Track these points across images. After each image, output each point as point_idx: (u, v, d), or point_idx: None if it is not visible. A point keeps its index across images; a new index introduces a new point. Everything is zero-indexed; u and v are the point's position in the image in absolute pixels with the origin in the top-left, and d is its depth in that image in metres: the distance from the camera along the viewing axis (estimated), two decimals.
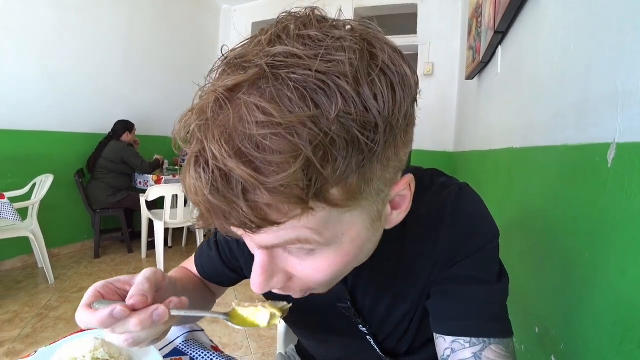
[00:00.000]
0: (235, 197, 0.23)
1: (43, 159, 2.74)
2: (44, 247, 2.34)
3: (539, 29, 0.95)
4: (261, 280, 0.31)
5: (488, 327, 0.41)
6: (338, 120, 0.23)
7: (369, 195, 0.29)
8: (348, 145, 0.24)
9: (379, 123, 0.25)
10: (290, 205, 0.24)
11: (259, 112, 0.22)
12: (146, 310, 0.33)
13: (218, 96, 0.24)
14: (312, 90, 0.23)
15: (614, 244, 0.51)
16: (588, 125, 0.61)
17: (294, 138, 0.22)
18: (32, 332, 1.78)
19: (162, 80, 3.90)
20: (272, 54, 0.24)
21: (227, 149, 0.22)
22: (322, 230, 0.28)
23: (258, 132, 0.22)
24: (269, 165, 0.22)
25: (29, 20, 2.61)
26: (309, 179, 0.23)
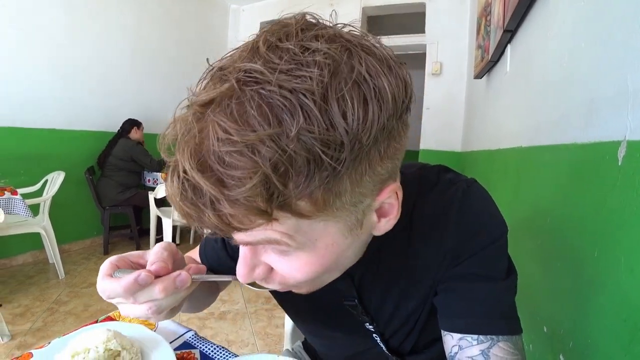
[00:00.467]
0: (203, 206, 0.25)
1: (54, 157, 2.79)
2: (54, 243, 2.38)
3: (549, 27, 0.94)
4: (244, 271, 0.33)
5: (496, 324, 0.41)
6: (298, 139, 0.23)
7: (341, 207, 0.29)
8: (309, 163, 0.24)
9: (344, 141, 0.25)
10: (252, 217, 0.25)
11: (221, 130, 0.24)
12: (169, 277, 0.34)
13: (193, 112, 0.26)
14: (276, 107, 0.24)
15: (623, 242, 0.51)
16: (598, 124, 0.61)
17: (254, 155, 0.23)
18: (42, 325, 1.82)
19: (170, 80, 3.93)
20: (244, 69, 0.25)
21: (194, 164, 0.24)
22: (293, 234, 0.29)
23: (220, 149, 0.23)
24: (231, 179, 0.24)
25: (41, 21, 2.66)
26: (270, 193, 0.24)
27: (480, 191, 0.45)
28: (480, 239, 0.42)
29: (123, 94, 3.37)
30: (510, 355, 0.40)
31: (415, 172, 0.47)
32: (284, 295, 0.55)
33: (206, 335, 1.90)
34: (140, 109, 3.52)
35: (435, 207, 0.44)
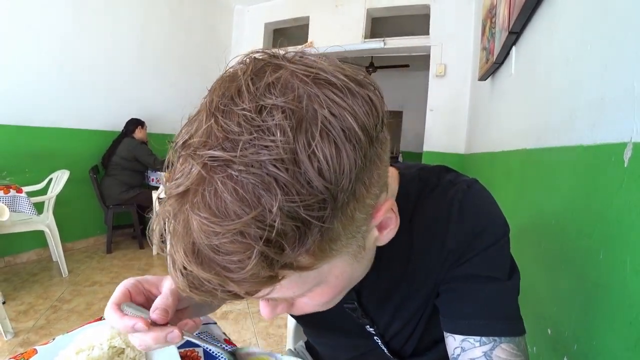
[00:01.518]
0: (214, 290, 0.26)
1: (59, 155, 2.81)
2: (58, 241, 2.40)
3: (554, 29, 0.94)
4: (267, 311, 0.36)
5: (498, 325, 0.41)
6: (281, 212, 0.23)
7: (340, 247, 0.29)
8: (298, 229, 0.24)
9: (327, 198, 0.24)
10: (261, 287, 0.27)
11: (205, 223, 0.24)
12: (163, 330, 0.36)
13: (172, 203, 0.26)
14: (250, 189, 0.23)
15: (630, 244, 0.50)
16: (604, 125, 0.60)
17: (245, 239, 0.23)
18: (46, 323, 1.83)
19: (175, 80, 3.95)
20: (208, 156, 0.24)
21: (191, 259, 0.25)
22: (302, 284, 0.31)
23: (211, 241, 0.24)
24: (230, 264, 0.24)
25: (48, 21, 2.68)
26: (270, 264, 0.25)
27: (481, 191, 0.45)
28: (482, 239, 0.42)
29: (128, 93, 3.39)
30: (513, 357, 0.39)
31: (415, 172, 0.47)
32: None
33: None
34: (145, 108, 3.53)
35: (436, 208, 0.44)
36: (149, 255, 2.98)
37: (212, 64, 4.50)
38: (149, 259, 2.90)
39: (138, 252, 3.05)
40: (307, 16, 4.17)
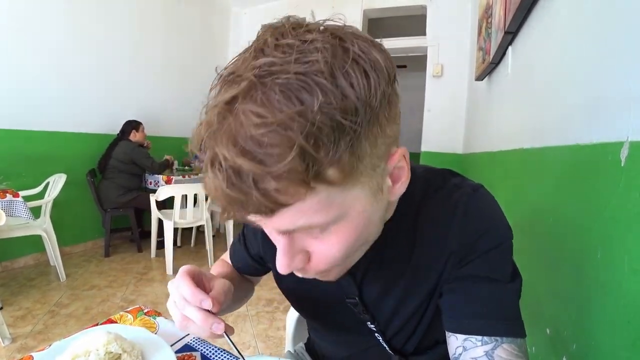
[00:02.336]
0: (249, 188, 0.27)
1: (56, 159, 2.80)
2: (56, 246, 2.39)
3: (550, 29, 0.94)
4: (285, 261, 0.35)
5: (500, 326, 0.41)
6: (321, 111, 0.26)
7: (364, 171, 0.32)
8: (334, 131, 0.27)
9: (358, 107, 0.28)
10: (295, 188, 0.28)
11: (254, 116, 0.26)
12: (213, 318, 0.40)
13: (219, 110, 0.28)
14: (295, 90, 0.27)
15: (627, 243, 0.50)
16: (600, 124, 0.60)
17: (287, 132, 0.26)
18: (43, 328, 1.81)
19: (173, 82, 3.95)
20: (257, 66, 0.28)
21: (234, 150, 0.27)
22: (327, 209, 0.31)
23: (256, 132, 0.26)
24: (270, 157, 0.26)
25: (44, 24, 2.68)
26: (306, 163, 0.27)
27: (486, 196, 0.46)
28: (485, 242, 0.43)
29: (125, 96, 3.39)
30: (515, 357, 0.40)
31: (421, 173, 0.49)
32: (293, 293, 0.59)
33: None
34: (143, 111, 3.53)
35: (440, 209, 0.45)
36: (147, 259, 2.97)
37: (209, 66, 4.50)
38: (147, 262, 2.89)
39: (136, 256, 3.03)
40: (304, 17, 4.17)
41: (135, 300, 2.22)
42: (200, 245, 3.40)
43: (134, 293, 2.32)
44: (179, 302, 0.41)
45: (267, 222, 0.32)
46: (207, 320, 0.40)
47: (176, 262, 2.81)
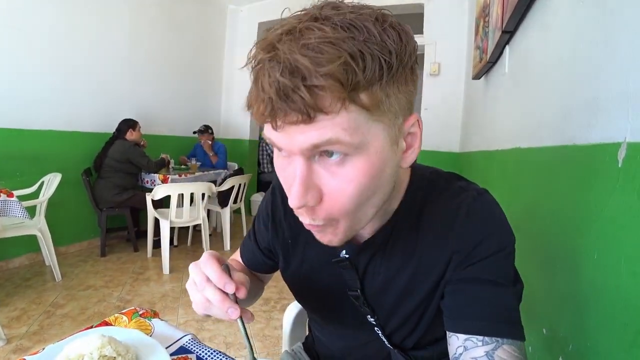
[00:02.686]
0: (298, 81, 0.31)
1: (51, 158, 2.78)
2: (51, 245, 2.37)
3: (548, 28, 0.94)
4: (300, 189, 0.36)
5: (501, 327, 0.42)
6: (365, 43, 0.32)
7: (387, 111, 0.36)
8: (372, 60, 0.32)
9: (392, 53, 0.34)
10: (333, 98, 0.32)
11: (316, 30, 0.32)
12: (230, 302, 0.42)
13: (287, 27, 0.33)
14: (348, 25, 0.33)
15: (624, 244, 0.50)
16: (598, 125, 0.60)
17: (337, 47, 0.31)
18: (39, 329, 1.80)
19: (168, 80, 3.93)
20: (319, 7, 0.35)
21: (295, 48, 0.31)
22: (353, 132, 0.34)
23: (315, 41, 0.31)
24: (321, 61, 0.31)
25: (38, 22, 2.65)
26: (347, 77, 0.31)
27: (490, 201, 0.48)
28: (487, 246, 0.44)
29: (121, 94, 3.36)
30: (515, 359, 0.40)
31: (428, 175, 0.51)
32: (296, 283, 0.61)
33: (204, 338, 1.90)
34: (138, 109, 3.51)
35: (444, 210, 0.47)
36: (144, 258, 2.95)
37: (205, 64, 4.48)
38: (143, 262, 2.88)
39: (132, 255, 3.02)
40: None
41: (131, 300, 2.21)
42: (197, 244, 3.39)
43: (131, 293, 2.31)
44: (199, 283, 0.43)
45: (298, 138, 0.34)
46: (224, 303, 0.41)
47: (173, 262, 2.80)
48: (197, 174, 3.39)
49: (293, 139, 0.34)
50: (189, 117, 4.20)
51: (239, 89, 4.75)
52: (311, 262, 0.57)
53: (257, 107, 0.34)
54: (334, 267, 0.53)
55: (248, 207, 4.82)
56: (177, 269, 2.77)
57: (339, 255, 0.52)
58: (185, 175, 3.25)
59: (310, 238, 0.51)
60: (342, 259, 0.52)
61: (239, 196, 3.44)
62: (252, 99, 0.36)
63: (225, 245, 3.29)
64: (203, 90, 4.47)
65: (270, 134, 0.36)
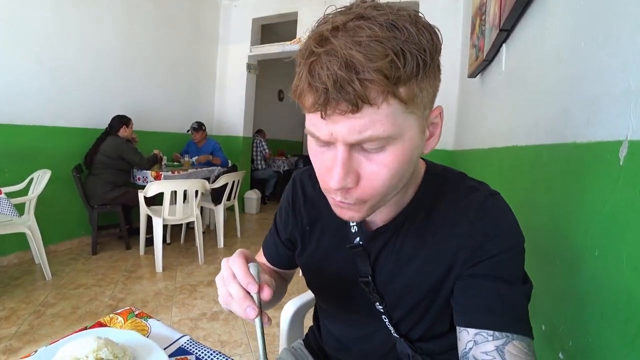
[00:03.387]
0: (353, 75, 0.34)
1: (41, 154, 2.72)
2: (41, 243, 2.32)
3: (546, 26, 0.94)
4: (341, 172, 0.39)
5: (512, 323, 0.43)
6: (405, 42, 0.35)
7: (419, 104, 0.39)
8: (412, 57, 0.36)
9: (426, 50, 0.37)
10: (378, 91, 0.35)
11: (366, 29, 0.35)
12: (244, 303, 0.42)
13: (338, 23, 0.36)
14: (391, 25, 0.36)
15: (625, 241, 0.50)
16: (599, 123, 0.60)
17: (384, 45, 0.35)
18: (29, 329, 1.77)
19: (161, 75, 3.87)
20: (363, 7, 0.38)
21: (350, 44, 0.35)
22: (392, 124, 0.37)
23: (366, 40, 0.35)
24: (372, 57, 0.34)
25: (27, 14, 2.58)
26: (392, 71, 0.35)
27: (501, 202, 0.49)
28: (497, 243, 0.45)
29: (112, 89, 3.31)
30: (525, 355, 0.41)
31: (440, 171, 0.54)
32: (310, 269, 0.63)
33: (199, 337, 1.88)
34: (130, 105, 3.45)
35: (455, 206, 0.49)
36: (136, 256, 2.92)
37: (198, 59, 4.43)
38: (135, 260, 2.84)
39: (125, 253, 2.98)
40: (296, 12, 4.13)
41: (124, 298, 2.18)
42: (190, 242, 3.36)
43: (123, 291, 2.28)
44: (226, 278, 0.44)
45: (343, 127, 0.37)
46: (244, 300, 0.42)
47: (165, 260, 2.77)
48: (190, 170, 3.36)
49: (339, 128, 0.37)
50: (182, 113, 4.15)
51: (232, 85, 4.71)
52: (326, 248, 0.60)
53: (309, 96, 0.37)
54: (348, 253, 0.56)
55: (242, 204, 4.79)
56: (170, 266, 2.74)
57: (353, 242, 0.55)
58: (178, 172, 3.21)
59: (326, 225, 0.58)
60: (356, 244, 0.55)
61: (232, 193, 3.41)
62: (304, 89, 0.38)
63: (219, 243, 3.27)
64: (196, 86, 4.42)
65: (316, 125, 0.39)
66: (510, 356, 0.41)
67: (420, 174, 0.53)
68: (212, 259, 2.95)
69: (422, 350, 0.57)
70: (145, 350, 0.52)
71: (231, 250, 3.15)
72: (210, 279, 2.56)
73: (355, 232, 0.55)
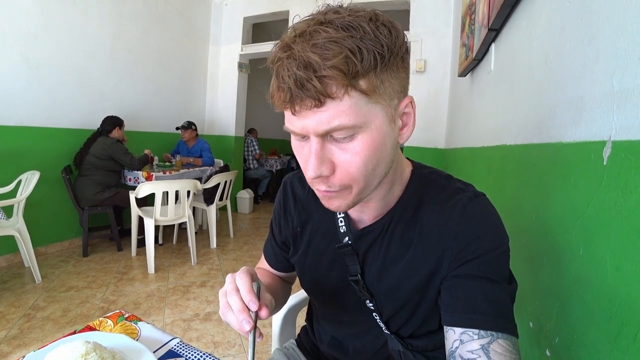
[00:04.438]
0: (311, 73, 0.38)
1: (29, 155, 2.68)
2: (30, 246, 2.29)
3: (533, 27, 0.95)
4: (315, 161, 0.42)
5: (497, 321, 0.44)
6: (362, 40, 0.38)
7: (383, 94, 0.42)
8: (368, 53, 0.38)
9: (384, 46, 0.40)
10: (338, 85, 0.38)
11: (322, 32, 0.38)
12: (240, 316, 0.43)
13: (299, 31, 0.40)
14: (348, 26, 0.39)
15: (609, 240, 0.52)
16: (583, 123, 0.61)
17: (340, 44, 0.38)
18: (19, 333, 1.74)
19: (151, 75, 3.83)
20: (324, 13, 0.41)
21: (307, 47, 0.38)
22: (356, 114, 0.40)
23: (322, 41, 0.38)
24: (327, 56, 0.37)
25: (12, 12, 2.53)
26: (348, 67, 0.38)
27: (487, 204, 0.51)
28: (481, 244, 0.46)
29: (102, 89, 3.26)
30: (509, 354, 0.42)
31: (427, 173, 0.56)
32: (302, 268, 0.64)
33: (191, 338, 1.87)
34: (120, 105, 3.41)
35: (441, 207, 0.50)
36: (128, 258, 2.89)
37: (189, 58, 4.39)
38: (127, 261, 2.81)
39: (116, 255, 2.95)
40: (287, 10, 4.12)
41: (116, 300, 2.16)
42: (182, 242, 3.33)
43: (115, 293, 2.26)
44: (229, 291, 0.45)
45: (312, 120, 0.40)
46: (241, 313, 0.43)
47: (158, 261, 2.75)
48: (182, 171, 3.33)
49: (308, 122, 0.41)
50: (172, 113, 4.11)
51: (223, 84, 4.68)
52: (316, 249, 0.61)
53: (278, 96, 0.41)
54: (338, 253, 0.57)
55: (234, 204, 4.77)
56: (163, 268, 2.72)
57: (342, 242, 0.56)
58: (169, 172, 3.18)
59: (316, 226, 0.60)
60: (344, 244, 0.56)
61: (224, 193, 3.39)
62: (274, 90, 0.42)
63: (212, 243, 3.25)
64: (187, 85, 4.38)
65: (290, 121, 0.42)
66: (495, 354, 0.41)
67: (406, 174, 0.55)
68: (204, 260, 2.94)
69: (413, 347, 0.59)
70: (134, 353, 0.52)
71: (224, 251, 3.15)
72: (203, 280, 2.55)
73: (344, 232, 0.56)
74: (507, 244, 0.48)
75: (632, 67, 0.48)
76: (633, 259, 0.46)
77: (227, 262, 2.90)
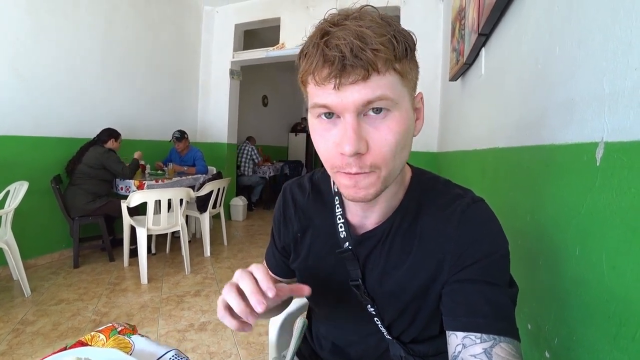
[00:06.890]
0: (365, 44, 0.40)
1: (17, 165, 2.63)
2: (18, 258, 2.24)
3: (523, 31, 0.96)
4: (354, 136, 0.42)
5: (499, 325, 0.44)
6: (396, 32, 0.43)
7: (410, 80, 0.46)
8: (402, 42, 0.43)
9: (408, 40, 0.44)
10: (383, 62, 0.41)
11: (368, 17, 0.42)
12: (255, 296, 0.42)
13: (342, 15, 0.44)
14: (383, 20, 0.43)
15: (604, 240, 0.52)
16: (576, 125, 0.62)
17: (384, 29, 0.42)
18: (7, 349, 1.69)
19: (143, 83, 3.81)
20: (356, 10, 0.44)
21: (360, 24, 0.41)
22: (393, 90, 0.43)
23: (370, 23, 0.42)
24: (376, 34, 0.41)
25: (1, 20, 2.50)
26: (392, 47, 0.42)
27: (485, 208, 0.52)
28: (480, 248, 0.47)
29: (93, 97, 3.23)
30: (512, 357, 0.42)
31: (426, 179, 0.57)
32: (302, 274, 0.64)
33: (187, 348, 1.84)
34: (111, 113, 3.38)
35: (440, 212, 0.51)
36: (120, 268, 2.84)
37: (181, 66, 4.38)
38: (120, 272, 2.77)
39: (108, 265, 2.90)
40: (278, 17, 4.14)
41: (108, 312, 2.12)
42: (176, 251, 3.29)
43: (107, 305, 2.21)
44: (241, 275, 0.44)
45: (354, 93, 0.42)
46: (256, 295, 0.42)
47: (151, 271, 2.71)
48: (175, 179, 3.30)
49: (349, 94, 0.42)
50: (165, 121, 4.08)
51: (215, 92, 4.67)
52: (317, 254, 0.61)
53: (324, 69, 0.42)
54: (338, 258, 0.57)
55: (227, 211, 4.74)
56: (156, 278, 2.68)
57: (342, 247, 0.56)
58: (162, 180, 3.15)
59: (317, 232, 0.60)
60: (345, 249, 0.56)
61: (218, 201, 3.37)
62: (318, 64, 0.42)
63: (206, 252, 3.22)
64: (179, 92, 4.36)
65: (324, 96, 0.43)
66: (498, 358, 0.41)
67: (407, 179, 0.56)
68: (198, 269, 2.90)
69: (415, 352, 0.58)
70: None
71: (218, 259, 3.12)
72: (197, 289, 2.51)
73: (344, 237, 0.56)
74: (506, 248, 0.49)
75: (622, 69, 0.49)
76: (629, 258, 0.46)
77: (222, 271, 2.86)
